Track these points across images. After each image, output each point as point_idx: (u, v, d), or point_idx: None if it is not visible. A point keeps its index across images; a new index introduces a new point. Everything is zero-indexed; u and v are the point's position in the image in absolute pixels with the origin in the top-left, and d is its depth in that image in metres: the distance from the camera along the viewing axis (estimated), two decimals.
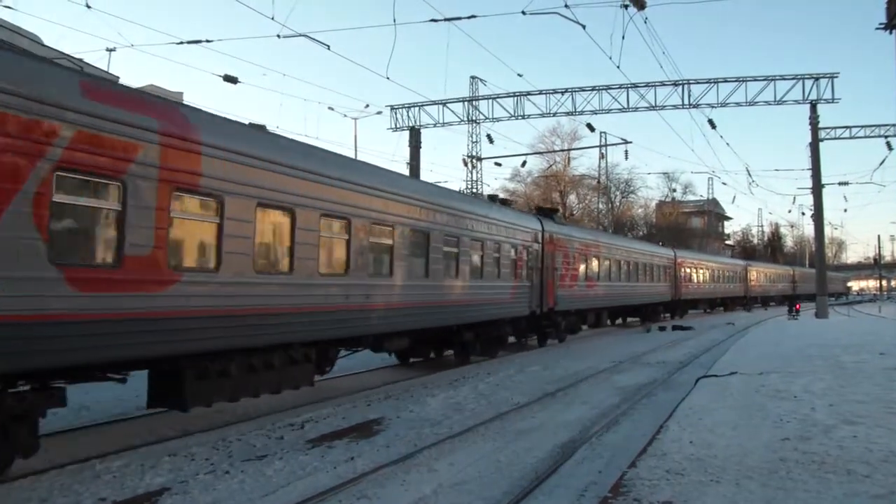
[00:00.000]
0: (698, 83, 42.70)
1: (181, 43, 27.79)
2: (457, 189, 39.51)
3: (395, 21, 25.54)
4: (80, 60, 17.59)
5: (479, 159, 55.09)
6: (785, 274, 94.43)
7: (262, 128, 14.13)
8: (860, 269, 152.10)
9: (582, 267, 32.43)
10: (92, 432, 12.16)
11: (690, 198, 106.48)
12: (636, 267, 41.45)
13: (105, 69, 26.48)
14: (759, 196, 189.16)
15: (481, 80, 50.79)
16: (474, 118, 49.88)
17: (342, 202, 14.79)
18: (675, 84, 42.29)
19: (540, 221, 28.01)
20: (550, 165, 79.11)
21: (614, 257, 37.54)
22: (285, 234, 13.31)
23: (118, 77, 23.04)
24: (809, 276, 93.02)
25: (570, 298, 30.38)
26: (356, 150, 46.65)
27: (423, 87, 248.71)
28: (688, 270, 54.54)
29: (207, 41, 27.34)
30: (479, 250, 21.90)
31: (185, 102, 12.21)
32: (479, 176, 55.84)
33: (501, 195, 73.17)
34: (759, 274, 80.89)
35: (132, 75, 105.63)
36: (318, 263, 14.07)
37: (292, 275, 13.34)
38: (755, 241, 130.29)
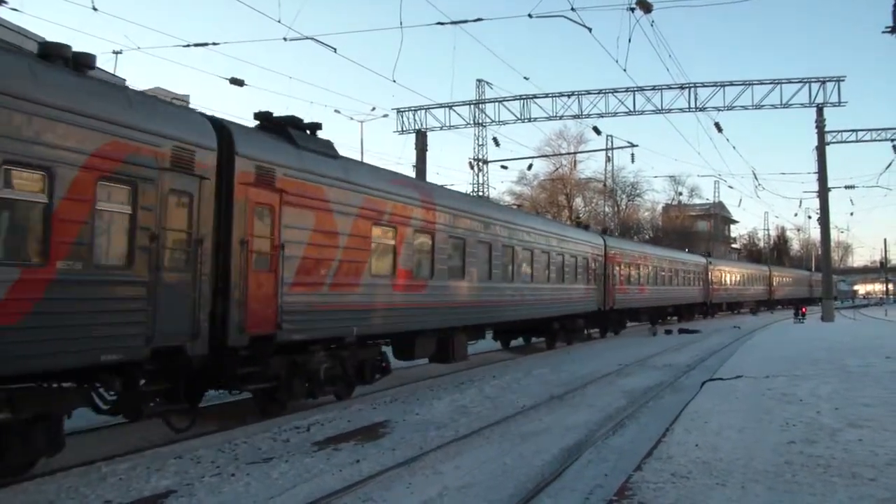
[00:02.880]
0: (705, 86, 42.73)
1: (188, 45, 27.76)
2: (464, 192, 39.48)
3: (401, 24, 25.38)
4: None
5: (486, 162, 55.08)
6: (804, 278, 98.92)
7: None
8: (867, 273, 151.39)
9: (634, 273, 39.75)
10: (98, 435, 12.18)
11: (696, 201, 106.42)
12: (675, 273, 48.74)
13: (112, 72, 26.56)
14: (765, 199, 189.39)
15: (488, 83, 50.78)
16: (480, 121, 49.91)
17: (485, 232, 21.77)
18: (682, 87, 42.28)
19: (603, 238, 36.20)
20: (557, 168, 79.12)
21: (658, 265, 44.52)
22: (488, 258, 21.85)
23: (125, 80, 23.09)
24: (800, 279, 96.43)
25: (625, 300, 37.68)
26: (362, 153, 46.80)
27: (429, 90, 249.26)
28: (718, 275, 60.43)
29: (214, 44, 27.32)
30: (572, 262, 29.87)
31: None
32: (485, 179, 55.85)
33: (507, 198, 73.09)
34: (782, 278, 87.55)
35: (139, 78, 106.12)
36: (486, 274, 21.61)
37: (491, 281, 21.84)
38: (761, 244, 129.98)
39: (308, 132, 14.94)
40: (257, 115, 14.29)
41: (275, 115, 14.44)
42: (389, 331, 16.99)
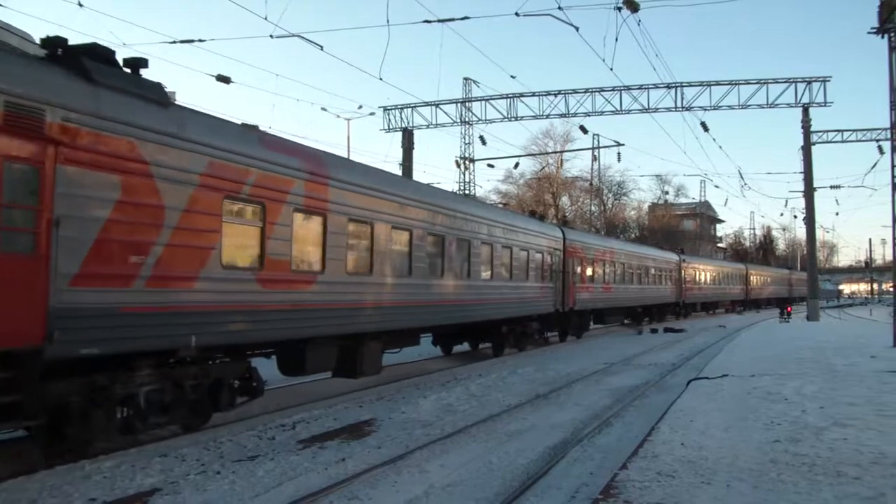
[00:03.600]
0: (691, 86, 42.95)
1: (174, 42, 27.62)
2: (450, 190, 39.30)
3: (388, 22, 25.40)
4: None
5: (472, 161, 55.09)
6: (784, 277, 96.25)
7: (254, 128, 14.13)
8: (852, 273, 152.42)
9: (598, 270, 36.04)
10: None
11: (683, 200, 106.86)
12: (645, 270, 44.69)
13: None
14: (751, 199, 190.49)
15: (474, 81, 50.86)
16: (467, 119, 49.95)
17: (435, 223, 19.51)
18: (668, 87, 42.46)
19: (561, 230, 32.05)
20: (543, 167, 79.27)
21: (625, 262, 40.71)
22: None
23: None
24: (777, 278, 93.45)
25: (588, 300, 34.09)
26: (349, 151, 46.58)
27: (416, 88, 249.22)
28: (691, 273, 56.52)
29: (200, 41, 27.09)
30: (522, 256, 26.34)
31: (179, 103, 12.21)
32: (471, 177, 55.86)
33: (494, 197, 73.25)
34: (760, 277, 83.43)
35: None
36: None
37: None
38: (747, 243, 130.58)
39: (118, 68, 10.84)
40: (45, 42, 10.28)
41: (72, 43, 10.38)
42: (259, 339, 13.33)
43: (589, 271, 34.59)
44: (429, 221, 18.93)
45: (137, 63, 11.10)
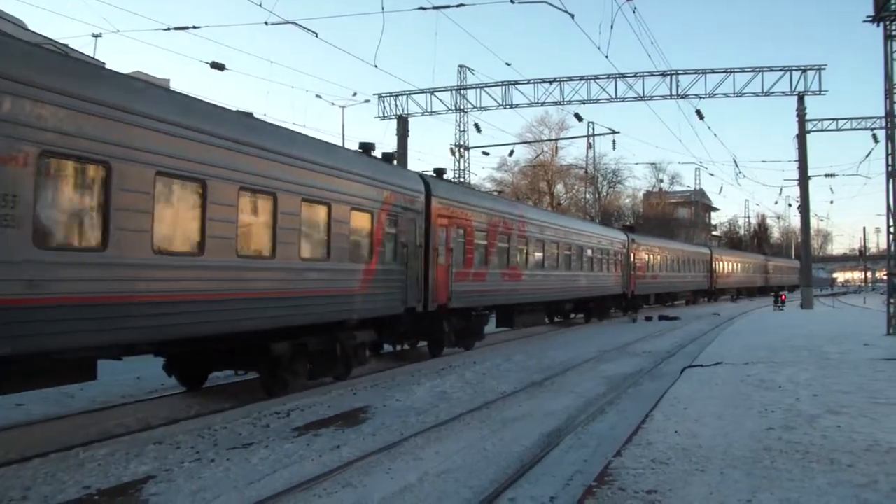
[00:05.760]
0: (686, 74, 42.93)
1: (168, 29, 27.60)
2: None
3: (383, 9, 25.23)
4: (66, 46, 17.45)
5: (467, 148, 55.00)
6: (759, 264, 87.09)
7: (249, 115, 14.00)
8: (846, 261, 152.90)
9: (495, 249, 24.03)
10: (76, 420, 12.09)
11: (678, 188, 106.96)
12: (578, 252, 33.37)
13: (91, 55, 26.30)
14: (746, 187, 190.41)
15: (469, 69, 50.67)
16: (462, 107, 49.85)
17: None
18: (664, 74, 42.42)
19: (424, 180, 19.90)
20: (538, 155, 79.20)
21: (546, 238, 29.26)
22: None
23: (104, 63, 22.85)
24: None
25: (474, 293, 22.39)
26: (343, 139, 46.47)
27: (411, 75, 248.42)
28: (643, 257, 45.25)
29: (195, 27, 27.06)
30: (338, 227, 15.29)
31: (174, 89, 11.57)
32: (466, 165, 55.79)
33: (489, 184, 72.95)
34: (728, 264, 71.23)
35: (119, 61, 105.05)
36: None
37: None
38: (742, 231, 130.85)
39: None
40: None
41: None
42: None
43: (480, 249, 23.00)
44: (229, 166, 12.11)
45: None
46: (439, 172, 23.22)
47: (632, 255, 41.98)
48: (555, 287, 30.60)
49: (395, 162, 19.74)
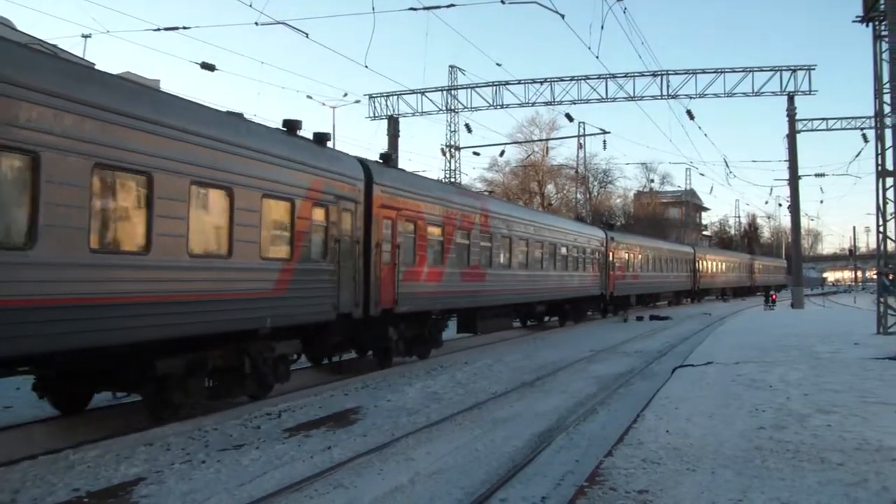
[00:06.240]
0: (677, 74, 43.12)
1: (158, 30, 27.53)
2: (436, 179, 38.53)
3: (373, 9, 25.22)
4: (55, 46, 17.35)
5: (458, 148, 55.01)
6: (744, 263, 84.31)
7: (240, 115, 13.94)
8: (836, 261, 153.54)
9: (452, 246, 21.57)
10: (66, 422, 12.02)
11: (668, 188, 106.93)
12: (552, 250, 31.00)
13: (80, 56, 26.17)
14: (736, 187, 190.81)
15: (460, 69, 50.62)
16: (453, 107, 49.88)
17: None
18: (654, 75, 42.56)
19: (363, 165, 17.34)
20: (529, 155, 79.25)
21: (514, 235, 26.83)
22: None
23: (94, 64, 22.76)
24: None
25: (427, 295, 20.05)
26: (334, 139, 46.37)
27: (401, 76, 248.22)
28: (623, 257, 42.65)
29: (185, 28, 27.00)
30: (243, 216, 12.63)
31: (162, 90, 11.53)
32: (457, 165, 55.78)
33: (479, 185, 72.83)
34: (712, 263, 69.03)
35: (108, 62, 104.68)
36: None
37: None
38: (732, 231, 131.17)
39: None
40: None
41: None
42: None
43: (432, 244, 20.42)
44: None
45: None
46: (385, 158, 20.31)
47: (610, 253, 39.77)
48: (523, 288, 27.97)
49: (330, 144, 16.88)
